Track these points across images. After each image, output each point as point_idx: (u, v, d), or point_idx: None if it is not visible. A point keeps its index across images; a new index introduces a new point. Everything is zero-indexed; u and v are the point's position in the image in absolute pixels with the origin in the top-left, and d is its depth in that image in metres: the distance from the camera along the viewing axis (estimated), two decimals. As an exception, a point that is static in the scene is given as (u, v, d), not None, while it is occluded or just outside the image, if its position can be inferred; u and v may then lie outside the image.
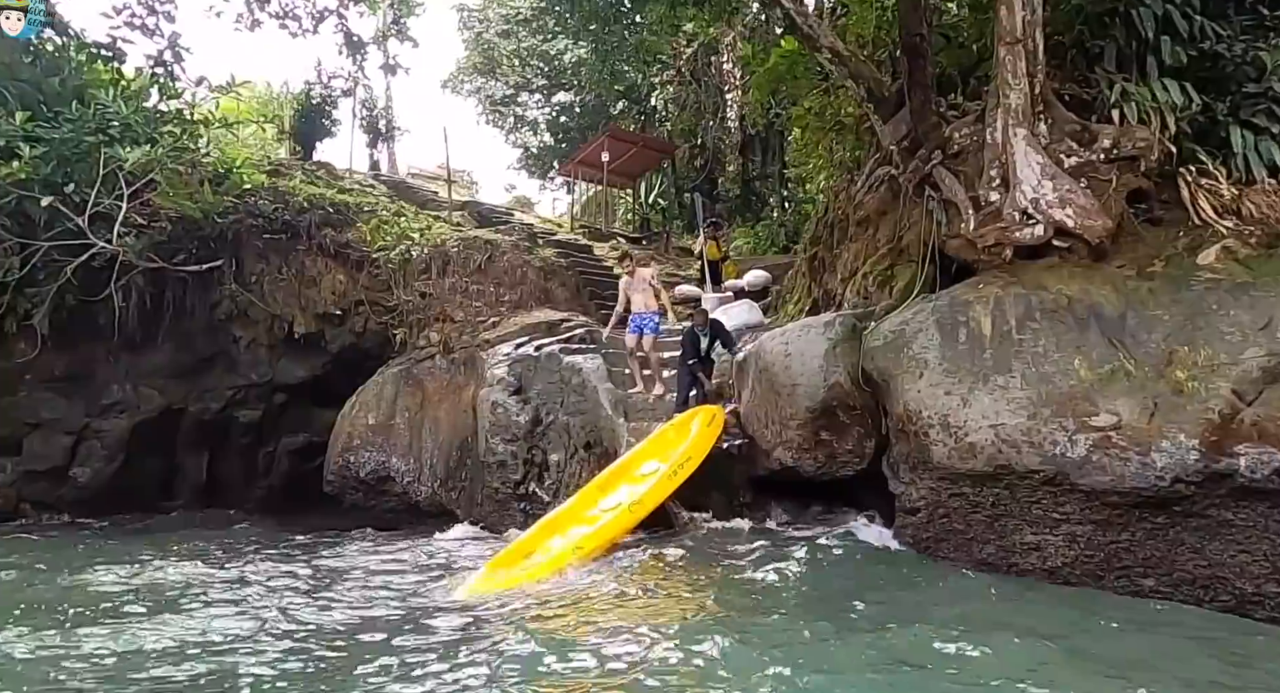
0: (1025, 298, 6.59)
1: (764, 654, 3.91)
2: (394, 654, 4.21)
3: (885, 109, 8.58)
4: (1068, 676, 3.85)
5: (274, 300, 12.21)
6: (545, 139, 29.22)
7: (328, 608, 5.42)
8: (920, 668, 3.93)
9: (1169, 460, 5.75)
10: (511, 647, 4.22)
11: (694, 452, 7.30)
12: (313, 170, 14.81)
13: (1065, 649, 4.27)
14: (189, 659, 4.10)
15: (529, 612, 5.24)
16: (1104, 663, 4.08)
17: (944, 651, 4.13)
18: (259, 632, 4.67)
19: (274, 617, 5.01)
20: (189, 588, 5.96)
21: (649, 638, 4.23)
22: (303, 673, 3.94)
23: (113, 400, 11.70)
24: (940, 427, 6.45)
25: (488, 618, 5.15)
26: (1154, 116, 7.01)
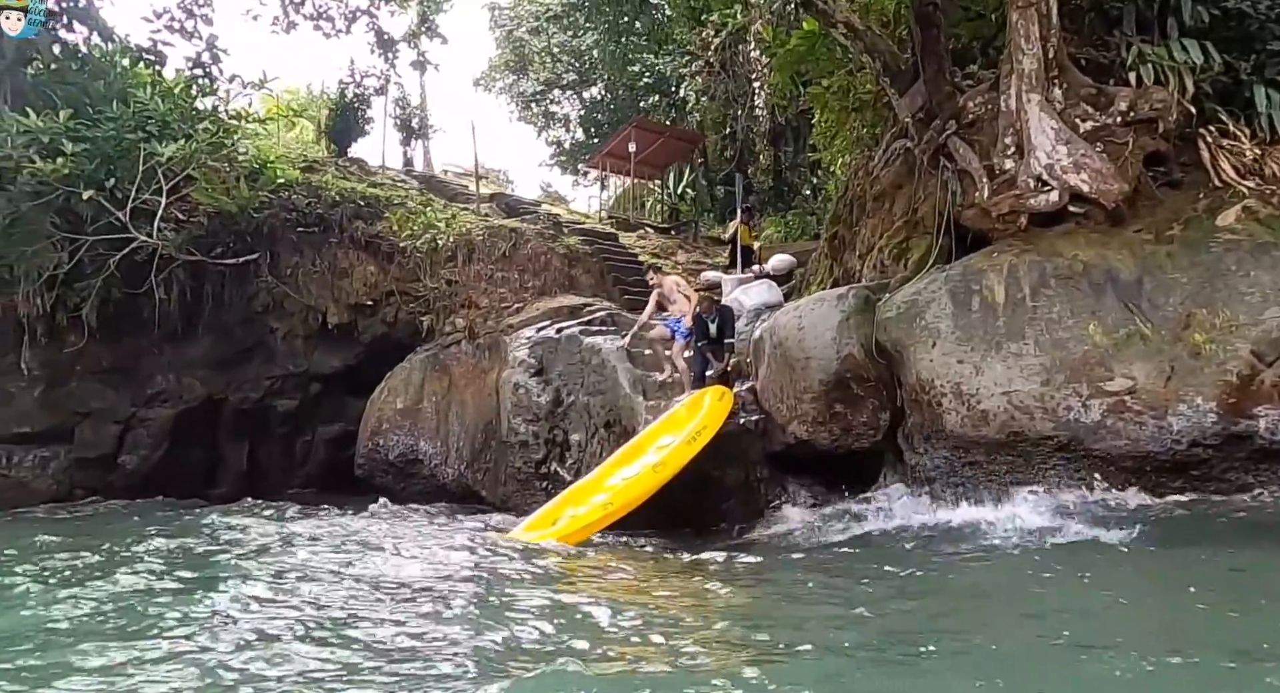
0: (1040, 265, 6.52)
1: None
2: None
3: (901, 82, 8.52)
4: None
5: (308, 292, 12.54)
6: (577, 135, 29.45)
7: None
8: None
9: (1186, 424, 5.67)
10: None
11: (709, 421, 7.36)
12: (345, 166, 15.17)
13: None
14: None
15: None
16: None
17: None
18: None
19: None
20: (274, 544, 6.14)
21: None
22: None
23: (157, 390, 12.13)
24: (953, 395, 6.43)
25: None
26: (1172, 77, 6.88)
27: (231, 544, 6.06)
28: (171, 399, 12.24)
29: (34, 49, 11.29)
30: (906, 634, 3.59)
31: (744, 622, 3.89)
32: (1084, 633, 3.41)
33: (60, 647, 3.29)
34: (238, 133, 11.84)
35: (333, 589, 4.35)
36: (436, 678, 2.91)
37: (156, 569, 5.03)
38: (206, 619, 3.68)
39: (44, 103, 10.37)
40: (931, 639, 3.38)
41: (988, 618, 3.99)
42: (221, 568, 5.12)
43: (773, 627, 3.78)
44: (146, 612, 3.87)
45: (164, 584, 4.60)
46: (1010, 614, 4.07)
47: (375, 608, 3.98)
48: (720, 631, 3.71)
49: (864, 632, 3.67)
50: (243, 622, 3.62)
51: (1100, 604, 4.02)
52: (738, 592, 4.86)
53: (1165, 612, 3.91)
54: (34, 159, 9.54)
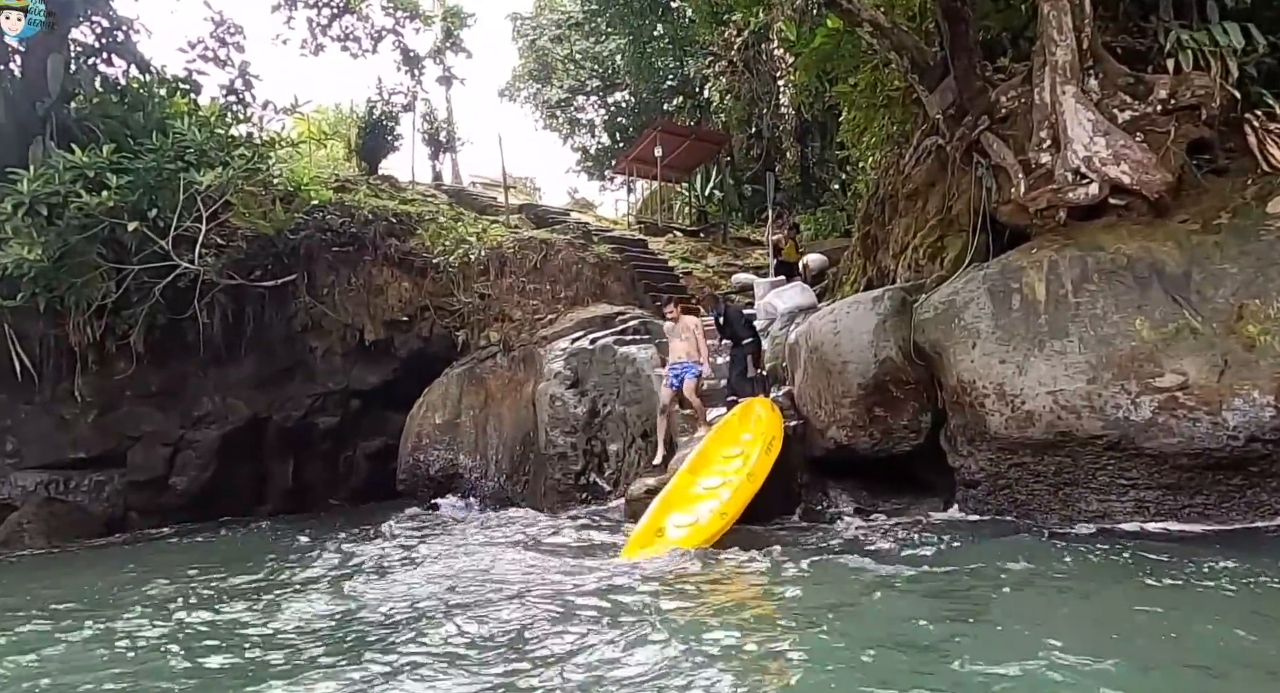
0: (1081, 260, 6.38)
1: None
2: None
3: (930, 79, 8.40)
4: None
5: (345, 310, 12.75)
6: (602, 140, 29.54)
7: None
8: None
9: (1242, 419, 5.51)
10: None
11: (775, 430, 7.29)
12: (377, 184, 15.40)
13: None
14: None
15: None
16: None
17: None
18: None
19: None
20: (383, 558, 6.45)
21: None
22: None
23: (204, 412, 12.40)
24: (996, 396, 6.31)
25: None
26: (1214, 62, 6.68)
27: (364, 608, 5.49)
28: (218, 420, 12.50)
29: (76, 84, 11.66)
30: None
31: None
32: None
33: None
34: (272, 157, 12.06)
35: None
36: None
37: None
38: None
39: (87, 137, 10.68)
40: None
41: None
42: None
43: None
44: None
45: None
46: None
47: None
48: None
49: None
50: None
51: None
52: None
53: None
54: (80, 193, 9.82)
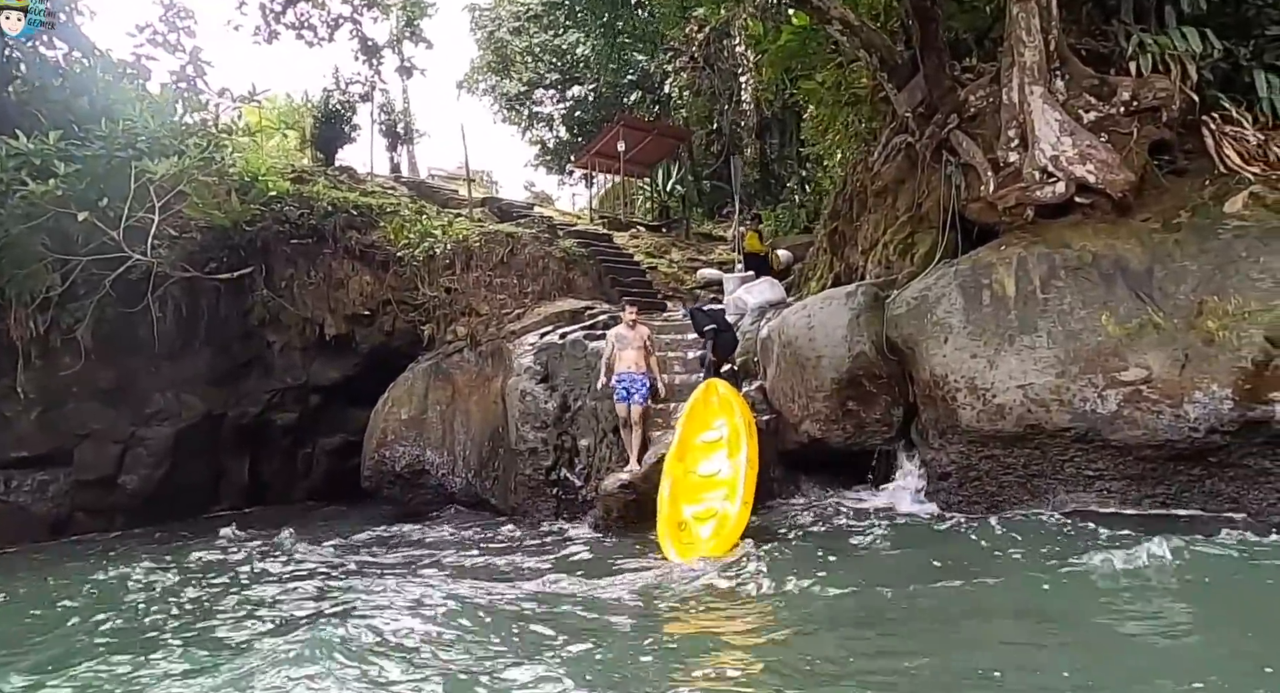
0: (1049, 257, 6.54)
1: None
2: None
3: (899, 77, 8.51)
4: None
5: (304, 304, 12.45)
6: (561, 134, 29.33)
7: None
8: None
9: (1202, 411, 5.70)
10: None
11: (745, 411, 7.47)
12: (335, 175, 15.05)
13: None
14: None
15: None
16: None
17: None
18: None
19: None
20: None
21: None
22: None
23: (156, 409, 11.98)
24: (968, 390, 6.44)
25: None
26: (1174, 65, 6.90)
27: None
28: (171, 417, 12.09)
29: (15, 67, 11.13)
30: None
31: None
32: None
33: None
34: (228, 147, 11.69)
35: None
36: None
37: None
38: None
39: (29, 123, 10.20)
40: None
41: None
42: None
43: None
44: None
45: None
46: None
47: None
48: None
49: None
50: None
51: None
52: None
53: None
54: (25, 181, 9.39)
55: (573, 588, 5.48)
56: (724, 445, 7.39)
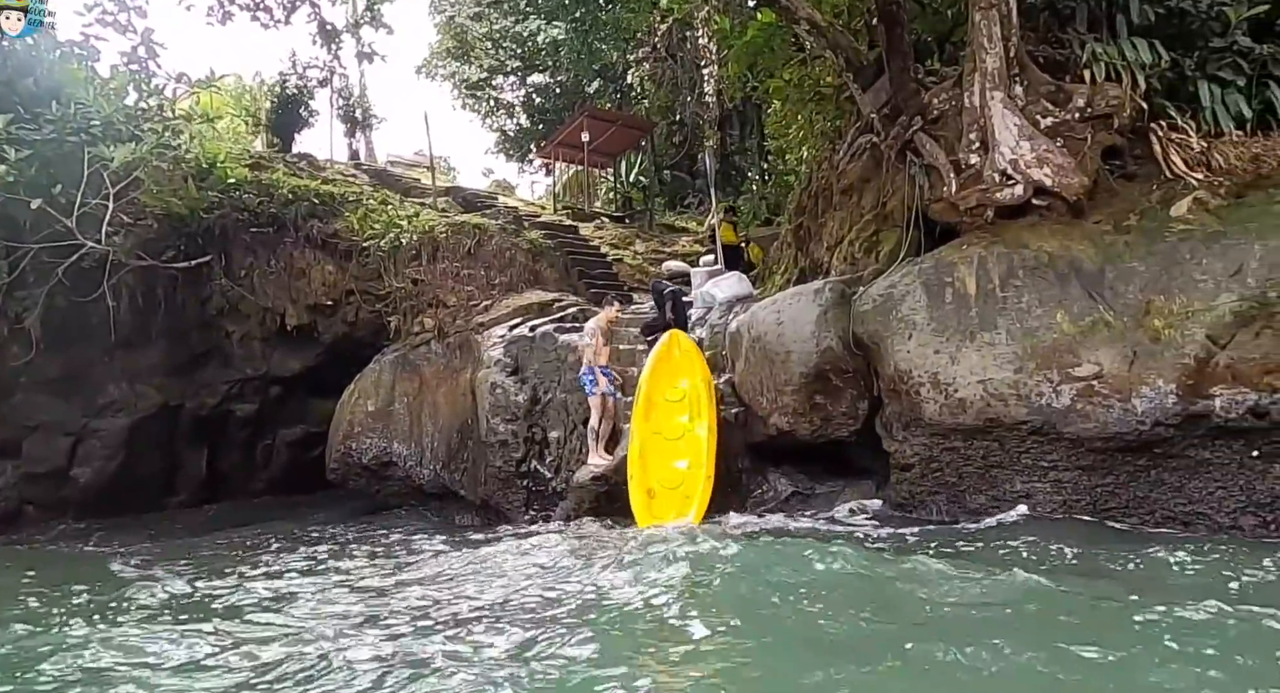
0: (1008, 256, 6.80)
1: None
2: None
3: (864, 77, 8.73)
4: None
5: (264, 294, 12.27)
6: (522, 122, 29.12)
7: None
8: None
9: (1149, 405, 6.02)
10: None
11: (704, 369, 8.10)
12: (294, 162, 14.80)
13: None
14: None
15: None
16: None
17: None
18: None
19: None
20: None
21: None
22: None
23: (110, 400, 11.72)
24: (930, 385, 6.69)
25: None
26: (1125, 74, 7.22)
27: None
28: (125, 408, 11.84)
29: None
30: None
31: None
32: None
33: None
34: (184, 132, 11.41)
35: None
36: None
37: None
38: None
39: (-27, 103, 9.85)
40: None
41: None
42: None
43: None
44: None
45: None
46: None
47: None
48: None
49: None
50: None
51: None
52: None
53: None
54: (-28, 166, 9.08)
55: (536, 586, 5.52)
56: (688, 406, 7.87)
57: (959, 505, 6.76)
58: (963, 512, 6.72)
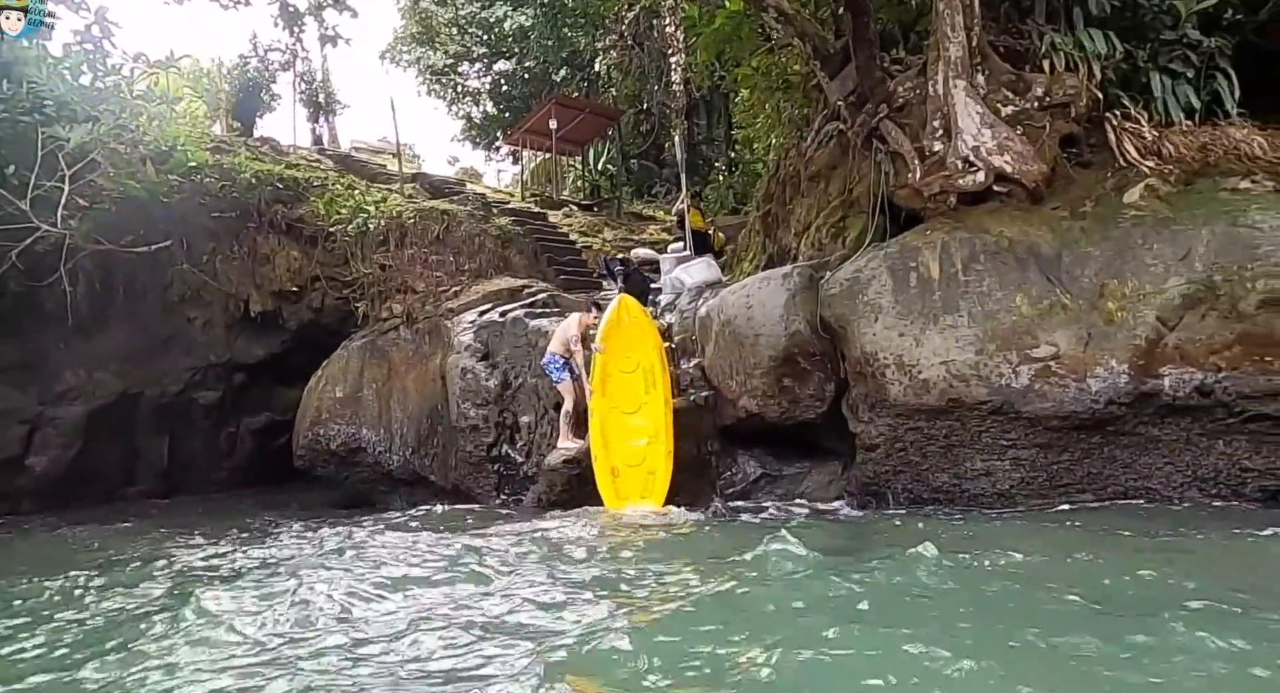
0: (970, 241, 6.99)
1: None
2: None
3: (831, 66, 8.87)
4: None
5: (227, 279, 12.09)
6: (488, 109, 28.87)
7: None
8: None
9: (1103, 385, 6.27)
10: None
11: (655, 336, 8.47)
12: (256, 147, 14.54)
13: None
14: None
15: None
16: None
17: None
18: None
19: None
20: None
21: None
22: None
23: (66, 387, 11.46)
24: (896, 366, 6.86)
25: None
26: (1081, 65, 7.43)
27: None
28: (83, 396, 11.59)
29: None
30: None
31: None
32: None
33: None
34: (143, 114, 11.15)
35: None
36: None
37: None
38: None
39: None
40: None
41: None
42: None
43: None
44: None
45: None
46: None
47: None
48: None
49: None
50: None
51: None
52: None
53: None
54: (-81, 146, 8.79)
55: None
56: (642, 376, 8.12)
57: (922, 484, 6.95)
58: (926, 490, 6.92)
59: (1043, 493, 6.56)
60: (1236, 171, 6.81)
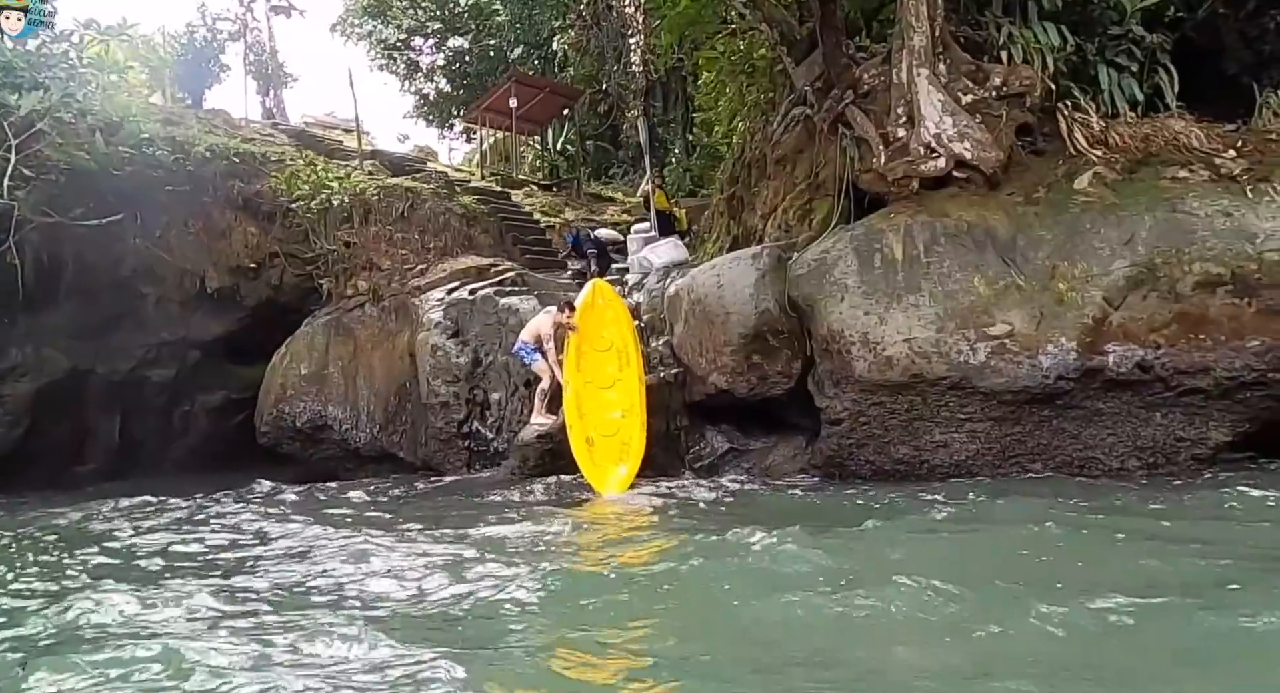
0: (931, 225, 7.31)
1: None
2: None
3: (798, 52, 9.08)
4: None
5: (182, 255, 11.79)
6: (442, 86, 28.40)
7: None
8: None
9: (1053, 361, 6.67)
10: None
11: (626, 316, 8.68)
12: (209, 119, 14.16)
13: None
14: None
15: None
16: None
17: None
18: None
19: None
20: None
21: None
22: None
23: (12, 364, 11.10)
24: (861, 344, 7.16)
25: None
26: (1036, 57, 7.79)
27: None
28: (30, 372, 11.25)
29: None
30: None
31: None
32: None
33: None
34: (92, 82, 10.79)
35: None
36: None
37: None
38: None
39: None
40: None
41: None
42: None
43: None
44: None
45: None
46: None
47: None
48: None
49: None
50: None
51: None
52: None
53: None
54: None
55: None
56: (616, 355, 8.33)
57: (884, 456, 7.30)
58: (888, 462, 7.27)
59: (996, 463, 6.96)
60: (1176, 161, 7.27)
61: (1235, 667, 2.76)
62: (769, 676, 2.83)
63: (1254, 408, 6.58)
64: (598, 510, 6.83)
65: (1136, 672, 2.75)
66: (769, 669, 2.90)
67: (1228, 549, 4.23)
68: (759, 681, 2.80)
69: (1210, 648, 2.90)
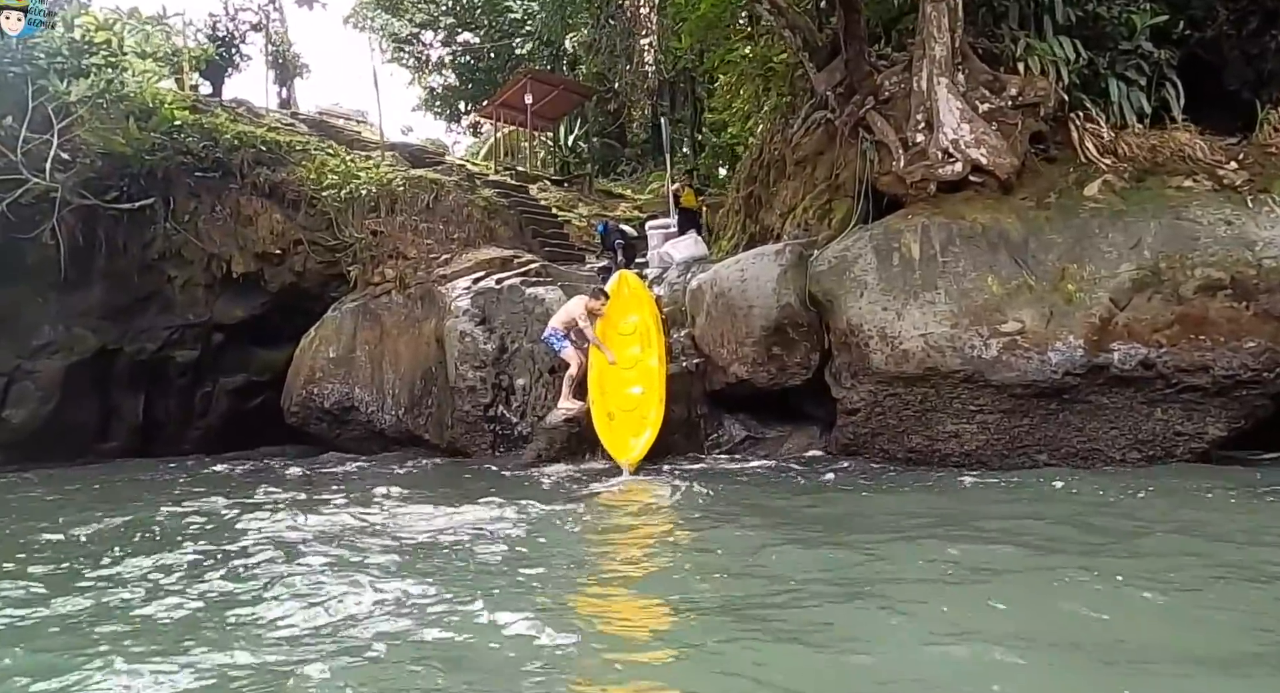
0: (947, 226, 7.69)
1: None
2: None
3: (819, 57, 9.44)
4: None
5: (210, 240, 12.09)
6: (450, 79, 28.67)
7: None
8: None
9: (1061, 357, 7.05)
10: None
11: (652, 304, 9.14)
12: (233, 108, 14.44)
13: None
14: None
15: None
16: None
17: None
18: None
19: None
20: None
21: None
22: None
23: (44, 342, 11.39)
24: (879, 338, 7.53)
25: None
26: (1050, 69, 8.17)
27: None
28: (61, 350, 11.55)
29: None
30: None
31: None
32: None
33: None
34: (129, 69, 11.07)
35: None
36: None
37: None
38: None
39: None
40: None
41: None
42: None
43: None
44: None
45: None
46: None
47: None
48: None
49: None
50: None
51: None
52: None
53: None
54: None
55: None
56: (638, 338, 8.79)
57: (897, 445, 7.67)
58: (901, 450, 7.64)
59: (1005, 453, 7.34)
60: (1181, 171, 7.66)
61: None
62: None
63: (1249, 405, 6.97)
64: (621, 488, 7.17)
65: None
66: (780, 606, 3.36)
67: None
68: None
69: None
